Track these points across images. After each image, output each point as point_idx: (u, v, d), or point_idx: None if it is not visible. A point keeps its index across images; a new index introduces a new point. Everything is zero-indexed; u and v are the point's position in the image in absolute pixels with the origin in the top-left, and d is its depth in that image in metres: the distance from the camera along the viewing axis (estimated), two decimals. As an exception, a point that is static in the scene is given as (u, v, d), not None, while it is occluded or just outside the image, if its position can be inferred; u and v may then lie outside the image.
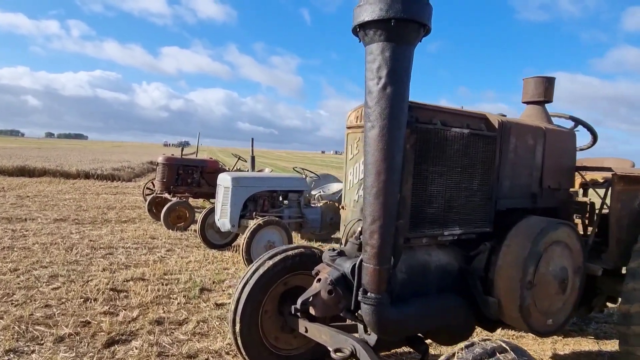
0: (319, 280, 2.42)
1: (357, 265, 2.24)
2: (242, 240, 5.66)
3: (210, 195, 10.62)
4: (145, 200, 11.04)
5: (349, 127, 2.72)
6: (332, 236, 8.29)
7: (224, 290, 4.98)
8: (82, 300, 4.34)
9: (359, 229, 2.51)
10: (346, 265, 2.34)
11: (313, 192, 7.50)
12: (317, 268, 2.54)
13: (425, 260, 2.60)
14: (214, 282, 5.24)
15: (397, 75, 2.00)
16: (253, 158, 7.98)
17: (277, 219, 5.97)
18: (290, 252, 3.17)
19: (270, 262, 3.08)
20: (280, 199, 7.03)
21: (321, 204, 7.48)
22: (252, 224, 6.00)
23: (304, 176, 7.27)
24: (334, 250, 2.46)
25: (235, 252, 6.92)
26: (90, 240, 7.03)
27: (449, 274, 2.70)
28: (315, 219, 7.14)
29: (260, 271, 3.03)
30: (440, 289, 2.64)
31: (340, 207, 2.81)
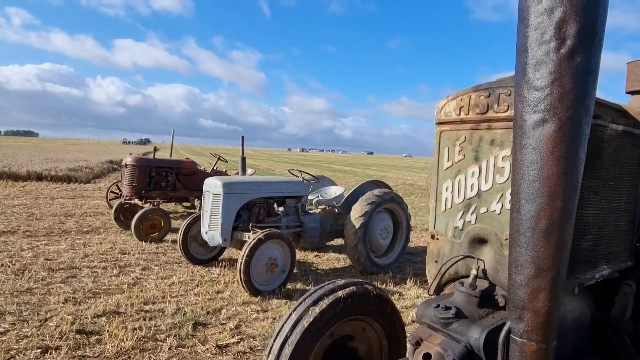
0: (428, 358, 1.60)
1: (501, 339, 1.44)
2: (239, 257, 4.73)
3: (187, 200, 9.51)
4: (111, 206, 9.77)
5: (443, 123, 1.91)
6: (328, 243, 7.49)
7: (223, 324, 4.05)
8: (39, 351, 3.29)
9: (474, 271, 1.71)
10: (473, 335, 1.53)
11: (310, 197, 6.66)
12: (418, 334, 1.71)
13: (562, 312, 1.84)
14: (208, 313, 4.28)
15: (593, 35, 1.21)
16: (244, 159, 7.00)
17: (279, 231, 5.07)
18: (340, 294, 2.33)
19: (317, 310, 2.23)
20: (276, 206, 6.13)
21: (319, 209, 6.64)
22: (249, 238, 5.08)
23: (301, 179, 6.41)
24: (446, 307, 1.64)
25: (225, 268, 5.95)
26: (47, 259, 5.83)
27: (583, 326, 1.96)
28: (315, 227, 6.30)
29: (305, 323, 2.18)
30: (576, 348, 1.89)
31: (432, 237, 1.99)
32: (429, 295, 1.96)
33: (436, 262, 1.93)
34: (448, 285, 1.90)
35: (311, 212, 6.51)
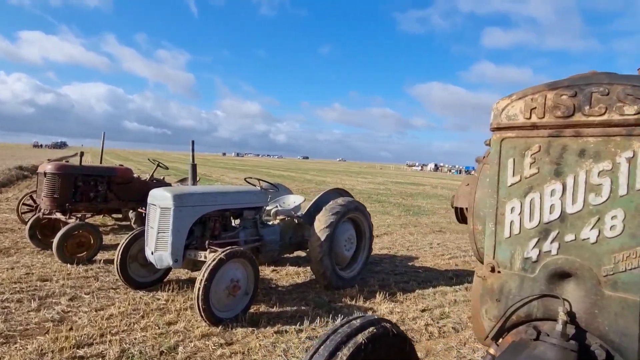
0: None
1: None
2: (197, 282, 4.05)
3: (119, 211, 8.38)
4: (23, 221, 8.33)
5: (506, 128, 1.54)
6: (284, 256, 6.96)
7: (182, 366, 3.37)
8: None
9: (563, 315, 1.35)
10: None
11: (267, 207, 6.09)
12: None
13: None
14: (162, 353, 3.56)
15: None
16: (194, 166, 6.18)
17: (241, 249, 4.46)
18: (360, 339, 1.88)
19: (336, 362, 1.76)
20: (231, 218, 5.48)
21: (277, 220, 6.10)
22: (206, 258, 4.41)
23: (259, 188, 5.81)
24: None
25: (173, 291, 5.17)
26: (-62, 294, 4.62)
27: None
28: (274, 240, 5.75)
29: (325, 385, 1.70)
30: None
31: (490, 269, 1.59)
32: (492, 341, 1.57)
33: (498, 300, 1.56)
34: (512, 330, 1.53)
35: (269, 223, 5.95)
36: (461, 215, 2.04)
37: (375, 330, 1.96)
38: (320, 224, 5.52)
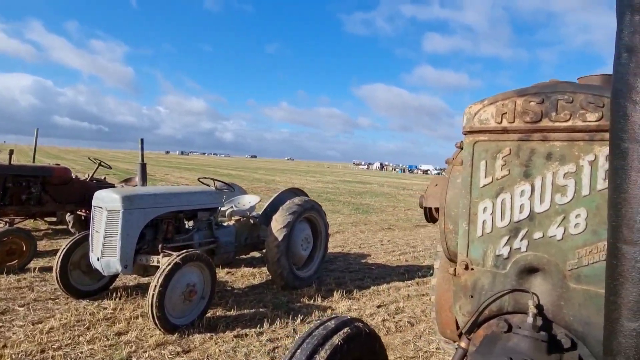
0: None
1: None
2: (150, 289, 3.83)
3: (53, 214, 7.72)
4: (-62, 228, 7.38)
5: (478, 132, 1.61)
6: (240, 257, 6.81)
7: (137, 379, 3.17)
8: None
9: (533, 308, 1.44)
10: None
11: (222, 208, 5.91)
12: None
13: None
14: (114, 366, 3.33)
15: None
16: (144, 166, 5.80)
17: (197, 252, 4.29)
18: (336, 340, 1.90)
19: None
20: (185, 220, 5.26)
21: (233, 221, 5.96)
22: (160, 262, 4.20)
23: (214, 188, 5.62)
24: None
25: (121, 299, 4.85)
26: None
27: None
28: (230, 242, 5.61)
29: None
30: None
31: (464, 267, 1.66)
32: (465, 335, 1.64)
33: (471, 296, 1.63)
34: (484, 324, 1.61)
35: (224, 224, 5.79)
36: (430, 215, 2.11)
37: (349, 330, 1.98)
38: (277, 224, 5.47)
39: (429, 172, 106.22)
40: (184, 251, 4.14)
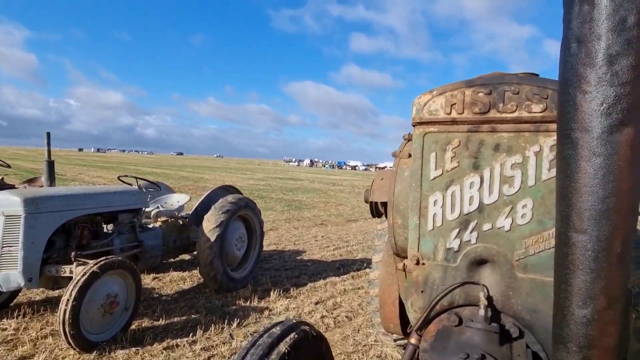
0: None
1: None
2: (61, 304, 3.36)
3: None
4: None
5: (428, 123, 1.57)
6: (168, 261, 6.35)
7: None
8: None
9: (484, 300, 1.44)
10: None
11: (147, 209, 5.43)
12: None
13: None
14: (17, 397, 2.85)
15: None
16: (51, 164, 5.06)
17: (119, 259, 3.86)
18: (282, 347, 1.78)
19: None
20: (103, 224, 4.74)
21: (160, 223, 5.52)
22: (73, 273, 3.71)
23: (137, 187, 5.13)
24: (480, 358, 1.28)
25: (25, 317, 4.22)
26: None
27: None
28: (156, 245, 5.18)
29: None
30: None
31: (415, 262, 1.61)
32: (417, 334, 1.60)
33: (422, 292, 1.59)
34: (435, 319, 1.58)
35: (150, 226, 5.34)
36: (376, 210, 2.06)
37: (296, 336, 1.86)
38: (210, 224, 5.16)
39: (357, 167, 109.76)
40: (102, 258, 3.70)
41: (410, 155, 1.68)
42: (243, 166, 69.80)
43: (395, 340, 3.58)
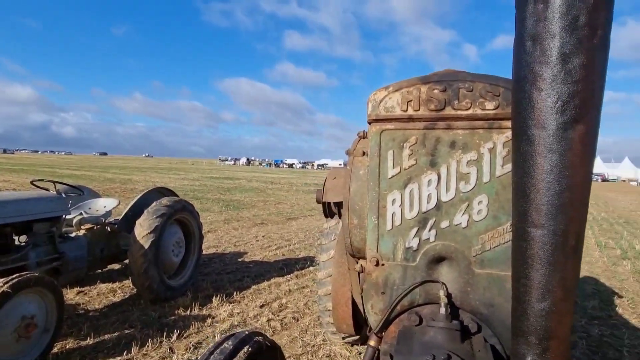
0: None
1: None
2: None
3: None
4: None
5: (384, 120, 1.53)
6: (96, 272, 5.79)
7: None
8: None
9: (444, 298, 1.43)
10: None
11: (69, 216, 4.88)
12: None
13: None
14: None
15: (610, 26, 1.13)
16: None
17: (35, 275, 3.40)
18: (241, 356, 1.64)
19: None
20: (15, 235, 4.17)
21: (84, 231, 5.01)
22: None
23: (55, 192, 4.57)
24: (446, 358, 1.25)
25: None
26: None
27: None
28: (80, 256, 4.69)
29: None
30: None
31: (375, 263, 1.55)
32: (377, 336, 1.55)
33: (383, 293, 1.55)
34: (396, 319, 1.55)
35: (72, 235, 4.81)
36: (329, 210, 1.99)
37: (249, 349, 1.74)
38: (143, 230, 4.77)
39: (294, 165, 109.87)
40: (15, 275, 3.23)
41: (364, 154, 1.63)
42: (176, 166, 66.56)
43: (343, 338, 3.57)
